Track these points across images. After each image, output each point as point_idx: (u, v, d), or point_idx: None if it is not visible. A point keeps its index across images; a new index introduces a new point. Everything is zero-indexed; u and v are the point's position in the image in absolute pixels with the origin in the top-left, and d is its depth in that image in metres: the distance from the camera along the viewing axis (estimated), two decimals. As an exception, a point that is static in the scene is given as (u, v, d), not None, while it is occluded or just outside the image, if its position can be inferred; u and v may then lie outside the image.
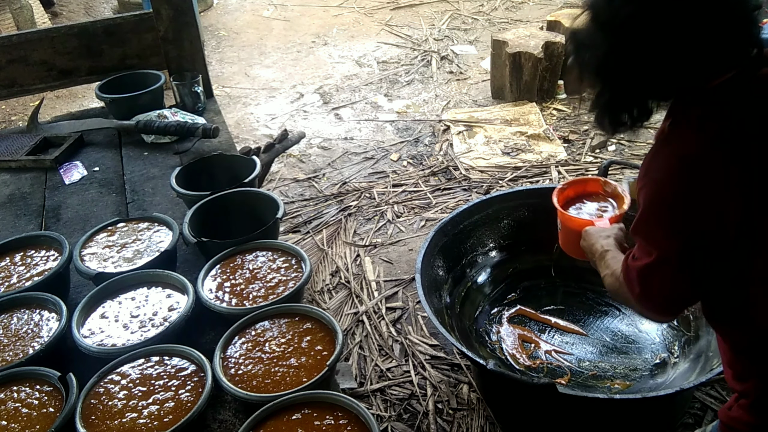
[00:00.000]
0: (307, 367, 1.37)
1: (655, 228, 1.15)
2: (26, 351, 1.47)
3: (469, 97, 4.72)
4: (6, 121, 4.93)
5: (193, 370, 1.38)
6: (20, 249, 1.81)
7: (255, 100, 4.96)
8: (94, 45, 2.69)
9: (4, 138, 2.60)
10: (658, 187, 1.12)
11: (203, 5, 6.73)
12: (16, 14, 5.37)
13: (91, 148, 2.53)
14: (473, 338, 2.32)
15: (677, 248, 1.12)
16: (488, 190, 3.51)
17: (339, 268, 3.05)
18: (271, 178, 3.82)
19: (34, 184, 2.31)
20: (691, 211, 1.07)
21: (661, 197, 1.12)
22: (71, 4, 6.57)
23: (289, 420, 1.26)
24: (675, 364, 2.16)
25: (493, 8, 6.26)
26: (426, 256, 2.25)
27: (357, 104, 4.75)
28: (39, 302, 1.59)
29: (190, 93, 2.64)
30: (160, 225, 1.85)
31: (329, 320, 1.47)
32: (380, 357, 2.55)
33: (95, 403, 1.32)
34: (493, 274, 2.55)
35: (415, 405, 2.33)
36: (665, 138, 1.14)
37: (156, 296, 1.60)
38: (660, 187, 1.12)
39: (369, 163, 3.95)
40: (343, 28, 6.19)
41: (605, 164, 2.29)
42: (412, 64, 5.30)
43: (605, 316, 2.42)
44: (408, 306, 2.79)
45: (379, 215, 3.42)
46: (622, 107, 1.18)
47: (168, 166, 2.35)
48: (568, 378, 2.19)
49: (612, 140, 3.93)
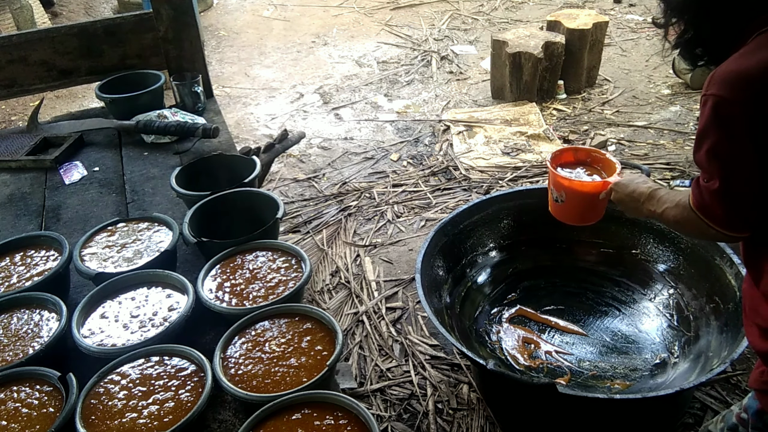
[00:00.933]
0: (307, 367, 1.37)
1: (729, 140, 1.15)
2: (26, 351, 1.47)
3: (469, 97, 4.72)
4: (6, 121, 4.93)
5: (193, 370, 1.38)
6: (20, 249, 1.80)
7: (255, 100, 4.96)
8: (94, 45, 2.69)
9: (4, 138, 2.60)
10: (735, 92, 1.13)
11: (203, 5, 6.73)
12: (16, 14, 5.37)
13: (91, 148, 2.53)
14: (473, 338, 2.33)
15: (753, 158, 1.13)
16: (488, 190, 3.51)
17: (339, 268, 3.05)
18: (271, 178, 3.82)
19: (34, 184, 2.31)
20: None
21: (745, 104, 1.12)
22: (71, 4, 6.57)
23: (289, 420, 1.26)
24: (675, 364, 2.16)
25: (493, 8, 6.26)
26: (426, 256, 2.25)
27: (357, 104, 4.75)
28: (39, 302, 1.59)
29: (190, 93, 2.64)
30: (160, 225, 1.84)
31: (329, 320, 1.47)
32: (380, 357, 2.55)
33: (95, 403, 1.32)
34: (493, 274, 2.55)
35: (415, 405, 2.33)
36: (745, 52, 1.17)
37: (156, 296, 1.60)
38: (738, 90, 1.13)
39: (369, 163, 3.95)
40: (343, 28, 6.19)
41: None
42: (412, 64, 5.30)
43: (605, 316, 2.42)
44: (408, 306, 2.79)
45: (379, 215, 3.42)
46: (703, 42, 1.29)
47: (168, 166, 2.35)
48: (568, 378, 2.19)
49: (612, 140, 3.93)
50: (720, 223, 1.23)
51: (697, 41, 1.31)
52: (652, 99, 4.45)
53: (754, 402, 1.37)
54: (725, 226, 1.23)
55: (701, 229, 1.28)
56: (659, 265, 2.41)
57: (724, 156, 1.18)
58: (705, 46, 1.31)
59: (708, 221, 1.24)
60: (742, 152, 1.15)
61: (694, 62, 1.36)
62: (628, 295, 2.46)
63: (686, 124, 4.06)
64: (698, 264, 2.25)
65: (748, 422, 1.39)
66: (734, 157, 1.16)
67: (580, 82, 4.57)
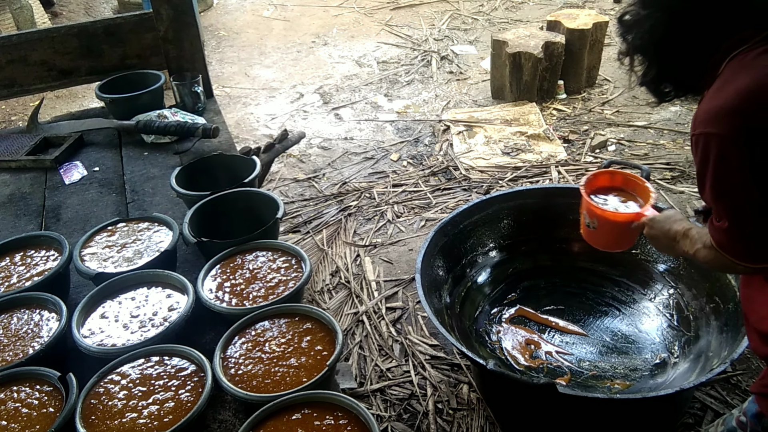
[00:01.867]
0: (307, 367, 1.37)
1: (725, 179, 1.15)
2: (26, 351, 1.47)
3: (469, 97, 4.72)
4: (6, 121, 4.93)
5: (193, 370, 1.38)
6: (20, 249, 1.81)
7: (255, 100, 4.96)
8: (94, 45, 2.69)
9: (4, 138, 2.60)
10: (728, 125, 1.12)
11: (203, 5, 6.73)
12: (16, 14, 5.37)
13: (91, 148, 2.53)
14: (473, 338, 2.32)
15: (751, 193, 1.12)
16: (488, 190, 3.51)
17: (339, 268, 3.05)
18: (271, 178, 3.82)
19: (34, 184, 2.31)
20: None
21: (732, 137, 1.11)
22: (71, 4, 6.56)
23: (289, 420, 1.26)
24: (675, 364, 2.16)
25: (493, 8, 6.26)
26: (426, 256, 2.25)
27: (357, 104, 4.75)
28: (39, 302, 1.59)
29: (190, 93, 2.64)
30: (160, 225, 1.85)
31: (329, 320, 1.47)
32: (380, 357, 2.55)
33: (95, 403, 1.32)
34: (493, 274, 2.55)
35: (415, 405, 2.33)
36: (721, 85, 1.17)
37: (156, 296, 1.60)
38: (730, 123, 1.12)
39: (369, 163, 3.95)
40: (343, 28, 6.19)
41: (605, 164, 2.28)
42: (412, 64, 5.30)
43: (605, 316, 2.42)
44: (408, 306, 2.79)
45: (379, 215, 3.42)
46: (668, 78, 1.30)
47: (168, 166, 2.35)
48: (568, 378, 2.19)
49: (612, 140, 3.93)
50: (742, 258, 1.21)
51: (663, 78, 1.31)
52: (652, 99, 4.44)
53: (753, 405, 1.37)
54: (749, 260, 1.21)
55: (730, 266, 1.25)
56: (659, 265, 2.41)
57: (725, 193, 1.16)
58: (672, 82, 1.31)
59: (732, 258, 1.22)
60: (743, 185, 1.13)
61: (661, 99, 1.36)
62: (628, 295, 2.46)
63: (686, 124, 4.05)
64: (698, 264, 2.25)
65: (747, 425, 1.39)
66: (736, 191, 1.14)
67: (580, 82, 4.57)
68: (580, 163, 3.71)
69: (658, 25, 1.23)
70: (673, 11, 1.21)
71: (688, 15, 1.20)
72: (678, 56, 1.25)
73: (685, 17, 1.21)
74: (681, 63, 1.26)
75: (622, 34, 1.32)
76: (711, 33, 1.20)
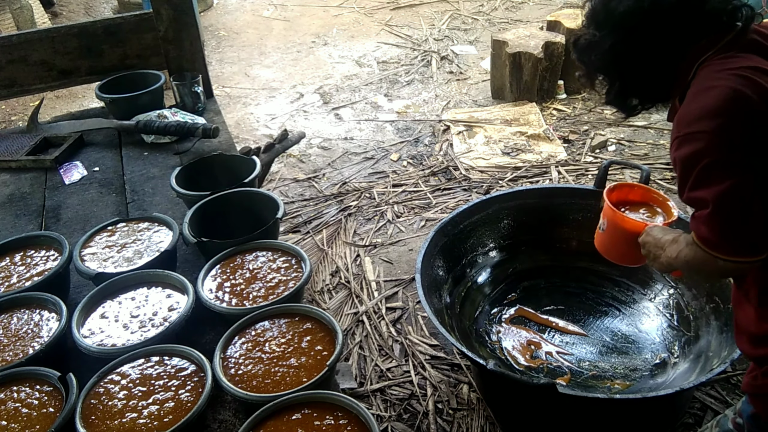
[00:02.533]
0: (307, 367, 1.37)
1: (711, 170, 1.15)
2: (26, 351, 1.47)
3: (469, 97, 4.72)
4: (6, 121, 4.93)
5: (193, 370, 1.38)
6: (20, 249, 1.81)
7: (255, 100, 4.96)
8: (94, 45, 2.69)
9: (4, 138, 2.60)
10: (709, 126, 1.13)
11: (203, 5, 6.73)
12: (16, 14, 5.37)
13: (91, 148, 2.53)
14: (473, 338, 2.32)
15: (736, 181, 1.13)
16: (488, 190, 3.51)
17: (339, 268, 3.05)
18: (271, 178, 3.82)
19: (34, 184, 2.31)
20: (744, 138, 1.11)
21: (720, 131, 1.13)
22: (71, 4, 6.57)
23: (289, 420, 1.26)
24: (675, 364, 2.16)
25: (493, 8, 6.26)
26: (426, 256, 2.25)
27: (357, 104, 4.75)
28: (39, 302, 1.59)
29: (190, 93, 2.64)
30: (160, 225, 1.85)
31: (329, 320, 1.47)
32: (380, 357, 2.55)
33: (95, 403, 1.32)
34: (493, 274, 2.55)
35: (415, 405, 2.33)
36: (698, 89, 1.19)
37: (156, 296, 1.60)
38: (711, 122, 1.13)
39: (369, 163, 3.95)
40: (343, 28, 6.19)
41: (605, 164, 2.29)
42: (412, 64, 5.30)
43: (605, 316, 2.42)
44: (408, 306, 2.79)
45: (379, 215, 3.42)
46: (632, 92, 1.32)
47: (168, 166, 2.35)
48: (568, 378, 2.19)
49: (612, 140, 3.93)
50: (723, 250, 1.18)
51: (628, 93, 1.32)
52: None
53: (747, 406, 1.37)
54: (729, 251, 1.18)
55: (710, 263, 1.22)
56: (659, 265, 2.41)
57: (708, 181, 1.16)
58: (638, 95, 1.33)
59: (712, 251, 1.19)
60: (732, 171, 1.13)
61: (629, 113, 1.37)
62: (628, 295, 2.46)
63: (686, 124, 4.05)
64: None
65: (744, 426, 1.39)
66: (719, 177, 1.14)
67: (580, 82, 4.57)
68: (580, 163, 3.71)
69: (617, 43, 1.25)
70: (629, 28, 1.24)
71: (645, 30, 1.23)
72: (643, 69, 1.27)
73: (642, 33, 1.23)
74: (647, 75, 1.28)
75: (580, 57, 1.34)
76: (672, 43, 1.23)
